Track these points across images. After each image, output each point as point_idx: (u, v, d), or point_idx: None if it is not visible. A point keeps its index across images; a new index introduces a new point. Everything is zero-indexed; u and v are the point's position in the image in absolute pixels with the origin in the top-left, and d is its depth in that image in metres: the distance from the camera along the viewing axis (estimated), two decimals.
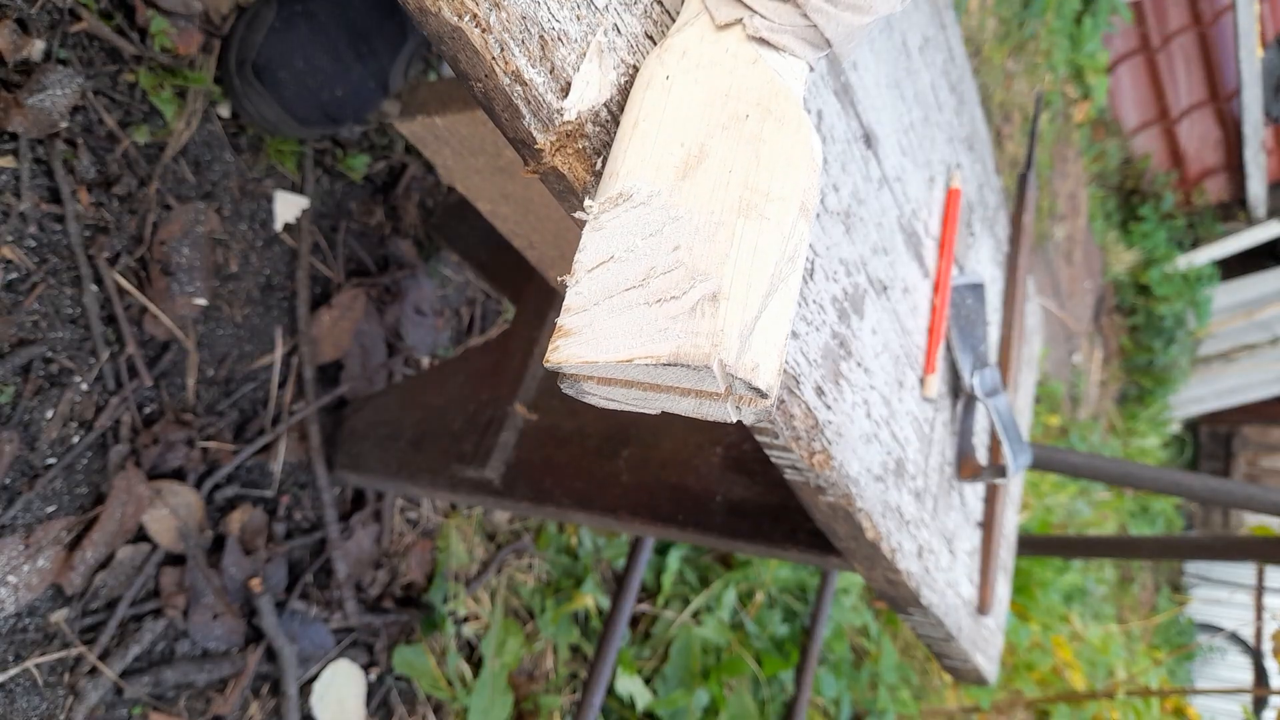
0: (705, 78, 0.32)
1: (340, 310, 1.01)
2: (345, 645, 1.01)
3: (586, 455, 0.80)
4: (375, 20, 0.89)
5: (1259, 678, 3.49)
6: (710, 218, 0.29)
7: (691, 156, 0.30)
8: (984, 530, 0.71)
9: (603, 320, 0.28)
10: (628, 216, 0.29)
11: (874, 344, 0.52)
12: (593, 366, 0.27)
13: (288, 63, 0.86)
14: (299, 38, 0.86)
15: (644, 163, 0.30)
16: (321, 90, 0.88)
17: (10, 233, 0.74)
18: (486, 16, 0.27)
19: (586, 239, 0.29)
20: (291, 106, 0.88)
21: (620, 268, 0.29)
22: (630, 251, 0.29)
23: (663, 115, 0.31)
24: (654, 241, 0.29)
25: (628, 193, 0.29)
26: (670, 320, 0.27)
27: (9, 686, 0.73)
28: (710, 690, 1.31)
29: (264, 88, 0.86)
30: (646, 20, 0.33)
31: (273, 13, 0.86)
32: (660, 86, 0.31)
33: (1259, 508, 0.96)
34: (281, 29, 0.86)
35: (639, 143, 0.30)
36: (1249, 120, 3.55)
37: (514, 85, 0.29)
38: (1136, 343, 4.24)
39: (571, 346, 0.27)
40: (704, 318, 0.27)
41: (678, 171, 0.30)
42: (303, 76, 0.87)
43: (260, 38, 0.86)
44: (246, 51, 0.86)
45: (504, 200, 0.65)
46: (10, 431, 0.74)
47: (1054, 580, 2.31)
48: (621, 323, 0.28)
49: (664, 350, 0.27)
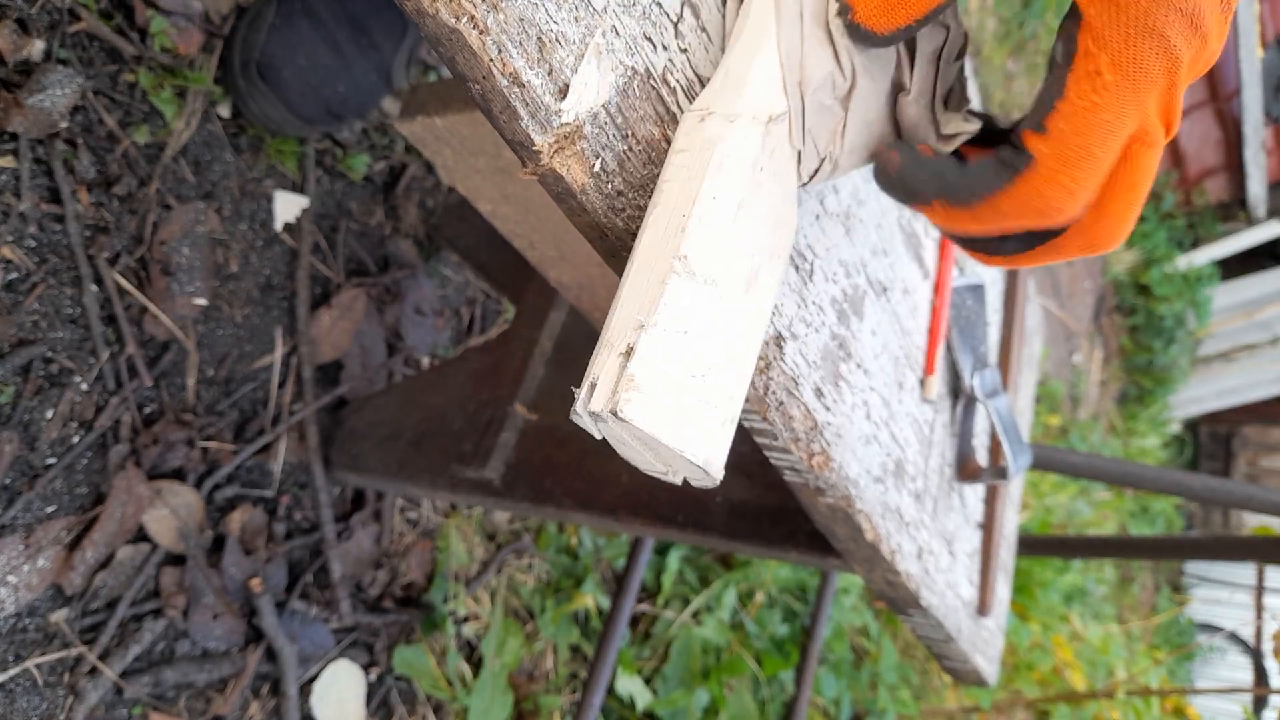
0: (769, 197, 0.32)
1: (340, 310, 1.01)
2: (345, 645, 1.01)
3: (586, 455, 0.80)
4: (374, 12, 0.89)
5: (1259, 678, 3.49)
6: (749, 343, 0.31)
7: (752, 274, 0.31)
8: (984, 531, 0.71)
9: (662, 393, 0.27)
10: (706, 297, 0.29)
11: (874, 345, 0.52)
12: (632, 429, 0.27)
13: (290, 61, 0.86)
14: (300, 35, 0.86)
15: (721, 256, 0.30)
16: (324, 87, 0.88)
17: (10, 233, 0.74)
18: (484, 18, 0.27)
19: (677, 287, 0.29)
20: (296, 105, 0.88)
21: (691, 347, 0.28)
22: (700, 335, 0.29)
23: (737, 225, 0.31)
24: (716, 342, 0.29)
25: (713, 277, 0.29)
26: (708, 428, 0.29)
27: (9, 686, 0.73)
28: (710, 690, 1.31)
29: (268, 87, 0.86)
30: (645, 22, 0.33)
31: (272, 11, 0.86)
32: (733, 203, 0.31)
33: (1259, 508, 0.96)
34: (282, 27, 0.86)
35: (718, 230, 0.30)
36: (1249, 120, 3.55)
37: (512, 87, 0.28)
38: (1136, 343, 4.24)
39: (637, 406, 0.27)
40: (722, 437, 0.29)
41: (745, 282, 0.31)
42: (305, 74, 0.87)
43: (262, 37, 0.86)
44: (249, 52, 0.86)
45: (504, 200, 0.65)
46: (10, 431, 0.74)
47: (1054, 580, 2.31)
48: (677, 406, 0.28)
49: (701, 458, 0.28)
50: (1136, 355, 4.24)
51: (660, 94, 0.34)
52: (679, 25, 0.34)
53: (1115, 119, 0.30)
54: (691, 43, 0.35)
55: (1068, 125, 0.31)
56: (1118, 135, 0.31)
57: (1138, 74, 0.29)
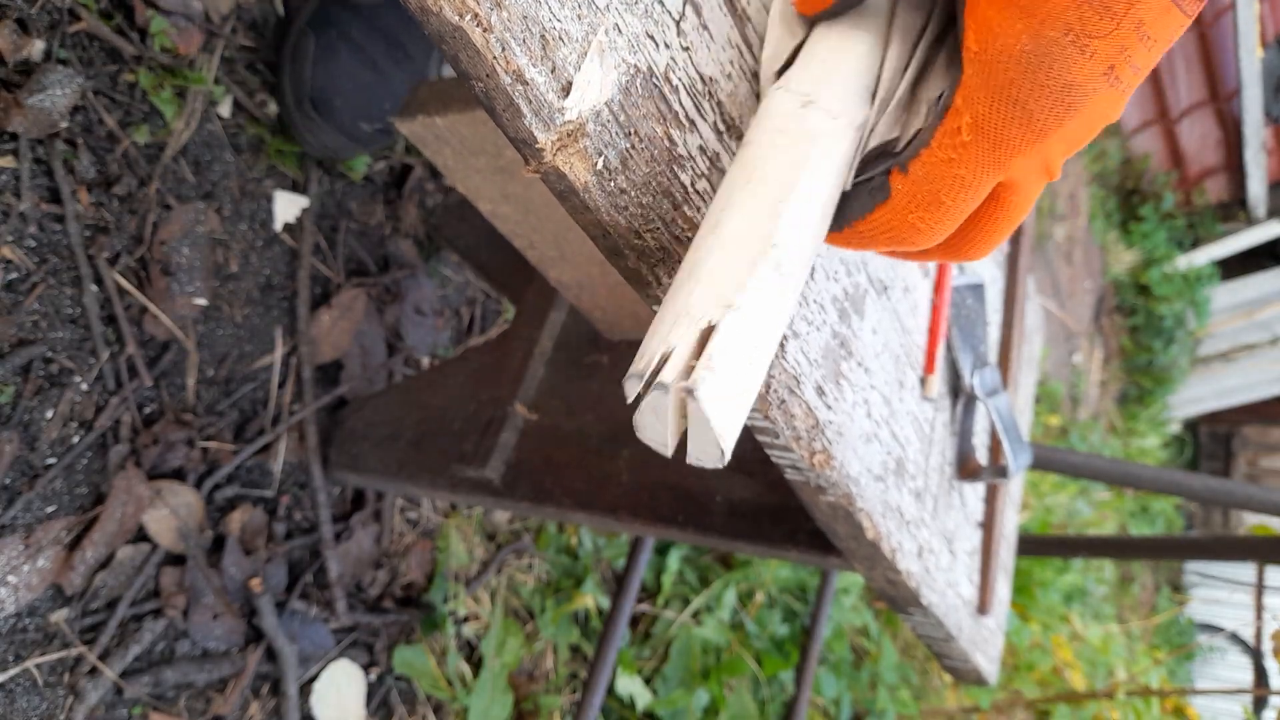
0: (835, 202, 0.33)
1: (340, 310, 1.01)
2: (345, 645, 1.01)
3: (586, 455, 0.80)
4: (404, 25, 0.91)
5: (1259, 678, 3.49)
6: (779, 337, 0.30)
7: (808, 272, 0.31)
8: (984, 530, 0.71)
9: (728, 377, 0.27)
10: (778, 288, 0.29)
11: (874, 344, 0.52)
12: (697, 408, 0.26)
13: (339, 89, 0.88)
14: (342, 62, 0.88)
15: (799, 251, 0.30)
16: (372, 106, 0.91)
17: (10, 233, 0.74)
18: (488, 16, 0.27)
19: (764, 274, 0.28)
20: (350, 130, 0.91)
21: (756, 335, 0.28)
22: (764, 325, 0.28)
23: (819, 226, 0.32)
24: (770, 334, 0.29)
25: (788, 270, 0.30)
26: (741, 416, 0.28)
27: (9, 686, 0.73)
28: (710, 690, 1.31)
29: (323, 120, 0.89)
30: (648, 20, 0.33)
31: (311, 43, 0.88)
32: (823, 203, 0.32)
33: (1259, 508, 0.97)
34: (325, 58, 0.88)
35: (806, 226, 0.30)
36: (1249, 120, 3.55)
37: (515, 85, 0.28)
38: (1136, 343, 4.25)
39: (709, 388, 0.26)
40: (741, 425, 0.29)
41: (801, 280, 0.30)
42: (354, 98, 0.89)
43: (309, 71, 0.88)
44: (300, 88, 0.88)
45: (504, 200, 0.65)
46: (10, 431, 0.74)
47: (1054, 580, 2.31)
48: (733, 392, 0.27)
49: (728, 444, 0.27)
50: (1136, 355, 4.24)
51: (663, 92, 0.34)
52: (681, 23, 0.34)
53: (970, 176, 0.30)
54: (694, 41, 0.35)
55: (923, 173, 0.31)
56: (973, 190, 0.31)
57: (998, 140, 0.29)
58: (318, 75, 0.88)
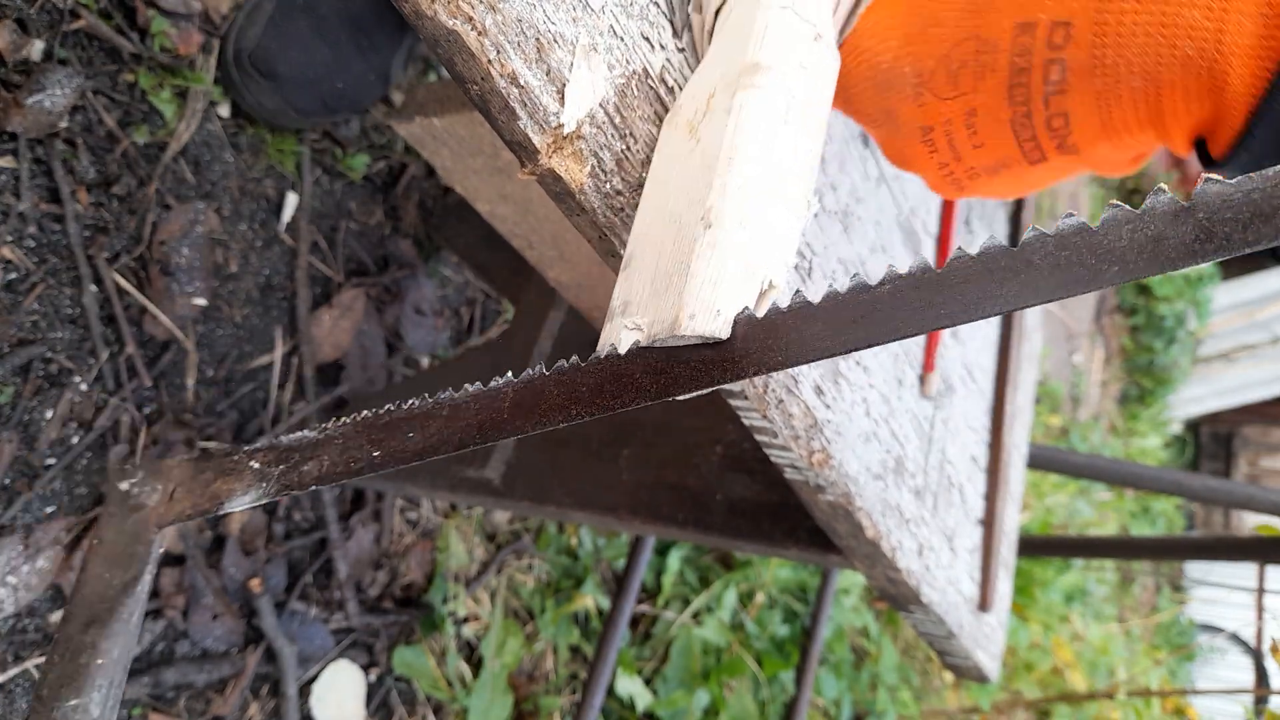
0: None
1: (340, 310, 1.01)
2: (345, 645, 1.01)
3: (586, 455, 0.80)
4: (376, 14, 0.90)
5: (1259, 678, 3.49)
6: None
7: None
8: (985, 527, 0.71)
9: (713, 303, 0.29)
10: None
11: None
12: None
13: (284, 54, 0.87)
14: (298, 31, 0.87)
15: None
16: (321, 82, 0.89)
17: (10, 233, 0.74)
18: (482, 19, 0.27)
19: None
20: (291, 97, 0.89)
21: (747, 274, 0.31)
22: None
23: None
24: None
25: None
26: None
27: (9, 687, 0.74)
28: (710, 691, 1.31)
29: (261, 78, 0.87)
30: (643, 22, 0.33)
31: (272, 5, 0.87)
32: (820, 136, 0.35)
33: (1259, 508, 0.96)
34: (280, 22, 0.87)
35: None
36: None
37: (510, 88, 0.29)
38: (1137, 342, 4.24)
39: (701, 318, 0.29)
40: None
41: None
42: (301, 68, 0.88)
43: (259, 30, 0.87)
44: (243, 43, 0.87)
45: (502, 201, 0.65)
46: (10, 431, 0.74)
47: (1054, 580, 2.31)
48: None
49: None
50: (1137, 355, 4.24)
51: (658, 93, 0.34)
52: (676, 24, 0.34)
53: None
54: (689, 41, 0.35)
55: None
56: None
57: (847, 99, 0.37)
58: (268, 35, 0.87)
